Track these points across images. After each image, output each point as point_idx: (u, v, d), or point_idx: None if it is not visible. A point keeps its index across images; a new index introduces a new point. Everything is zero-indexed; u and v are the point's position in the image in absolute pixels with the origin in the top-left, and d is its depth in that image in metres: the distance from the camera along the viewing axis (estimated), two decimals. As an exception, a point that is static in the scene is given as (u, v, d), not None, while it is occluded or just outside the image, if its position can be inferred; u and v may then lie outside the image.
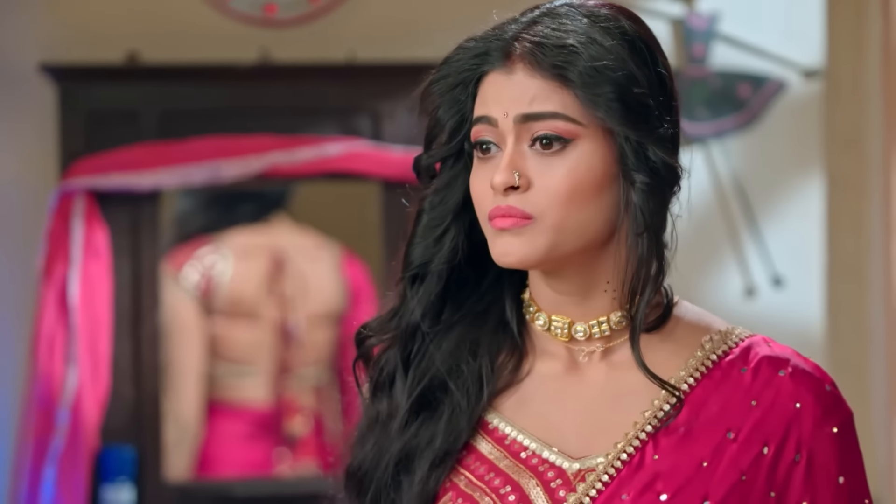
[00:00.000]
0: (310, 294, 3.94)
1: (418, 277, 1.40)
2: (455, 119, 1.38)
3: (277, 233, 3.98)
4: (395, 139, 3.70)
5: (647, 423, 1.36)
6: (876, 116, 3.59)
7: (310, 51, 3.77)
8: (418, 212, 1.41)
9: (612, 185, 1.35)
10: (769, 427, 1.35)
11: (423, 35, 3.77)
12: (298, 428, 3.89)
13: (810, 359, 1.39)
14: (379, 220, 3.75)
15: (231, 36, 3.77)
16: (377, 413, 1.41)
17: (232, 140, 3.67)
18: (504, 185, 1.33)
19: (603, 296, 1.38)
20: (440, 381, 1.39)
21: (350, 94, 3.72)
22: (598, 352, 1.39)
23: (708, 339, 1.39)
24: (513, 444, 1.38)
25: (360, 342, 1.42)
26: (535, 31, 1.35)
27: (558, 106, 1.34)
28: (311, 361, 3.95)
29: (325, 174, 3.69)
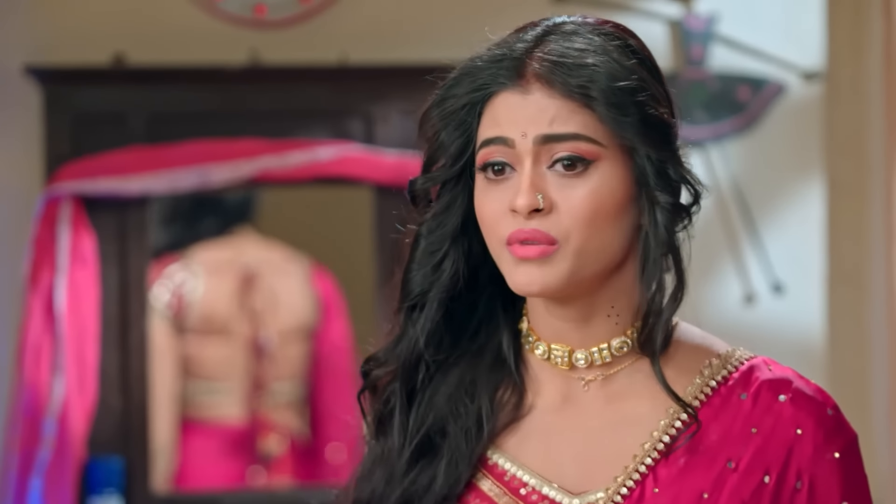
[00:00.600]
0: (280, 308, 3.94)
1: (417, 306, 1.39)
2: (460, 141, 1.37)
3: (245, 247, 3.97)
4: (388, 143, 3.70)
5: (647, 456, 1.36)
6: (877, 119, 3.57)
7: (300, 52, 3.76)
8: (415, 237, 1.40)
9: (630, 207, 1.35)
10: (770, 455, 1.34)
11: (416, 36, 3.76)
12: (273, 446, 3.88)
13: (811, 380, 1.39)
14: (371, 226, 3.75)
15: (220, 37, 3.76)
16: (380, 449, 1.40)
17: (221, 144, 3.66)
18: (529, 207, 1.32)
19: (606, 321, 1.37)
20: (440, 427, 1.39)
21: (342, 97, 3.72)
22: (597, 380, 1.38)
23: (707, 364, 1.38)
24: (512, 480, 1.38)
25: (366, 374, 1.41)
26: (549, 50, 1.34)
27: (580, 127, 1.33)
28: (285, 376, 3.94)
29: (316, 179, 3.70)
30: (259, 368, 3.91)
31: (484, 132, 1.36)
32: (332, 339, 4.00)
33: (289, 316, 3.94)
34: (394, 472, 1.38)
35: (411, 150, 3.70)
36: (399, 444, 1.39)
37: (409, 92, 3.75)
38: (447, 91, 1.38)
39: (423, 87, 4.43)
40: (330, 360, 3.99)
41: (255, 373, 3.91)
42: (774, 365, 1.39)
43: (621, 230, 1.34)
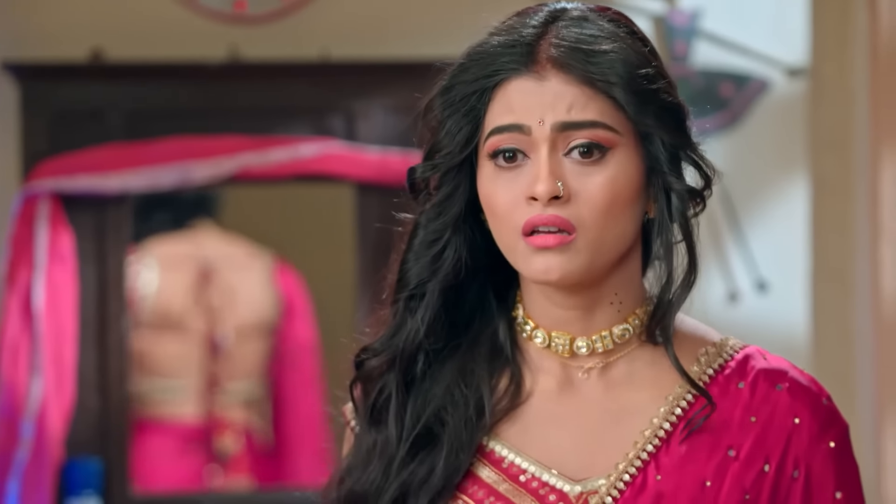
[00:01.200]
0: (238, 304, 3.92)
1: (417, 296, 1.38)
2: (468, 128, 1.36)
3: (204, 241, 3.95)
4: (370, 139, 3.70)
5: (648, 443, 1.36)
6: (862, 116, 3.58)
7: (281, 48, 3.75)
8: (413, 227, 1.40)
9: (642, 195, 1.36)
10: (769, 443, 1.36)
11: (398, 32, 3.76)
12: (229, 445, 3.86)
13: (805, 371, 1.41)
14: (353, 223, 3.74)
15: (200, 33, 3.74)
16: (375, 440, 1.40)
17: (202, 141, 3.66)
18: (550, 194, 1.32)
19: (608, 308, 1.38)
20: (438, 416, 1.39)
21: (323, 93, 3.71)
22: (597, 368, 1.39)
23: (704, 352, 1.40)
24: (511, 466, 1.38)
25: (359, 364, 1.41)
26: (563, 35, 1.35)
27: (598, 114, 1.34)
28: (242, 375, 3.92)
29: (298, 176, 3.69)
30: (215, 366, 3.88)
31: (496, 119, 1.35)
32: (296, 337, 3.98)
33: (247, 312, 3.92)
34: (391, 462, 1.38)
35: (393, 146, 3.69)
36: (396, 434, 1.38)
37: (391, 88, 3.74)
38: (454, 78, 1.36)
39: (406, 83, 4.44)
40: (293, 358, 3.97)
41: (211, 370, 3.88)
42: (768, 354, 1.40)
43: (634, 218, 1.36)
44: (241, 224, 4.02)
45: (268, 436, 3.94)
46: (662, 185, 1.36)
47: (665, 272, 1.37)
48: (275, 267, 3.97)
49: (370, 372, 1.40)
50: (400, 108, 3.69)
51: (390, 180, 3.64)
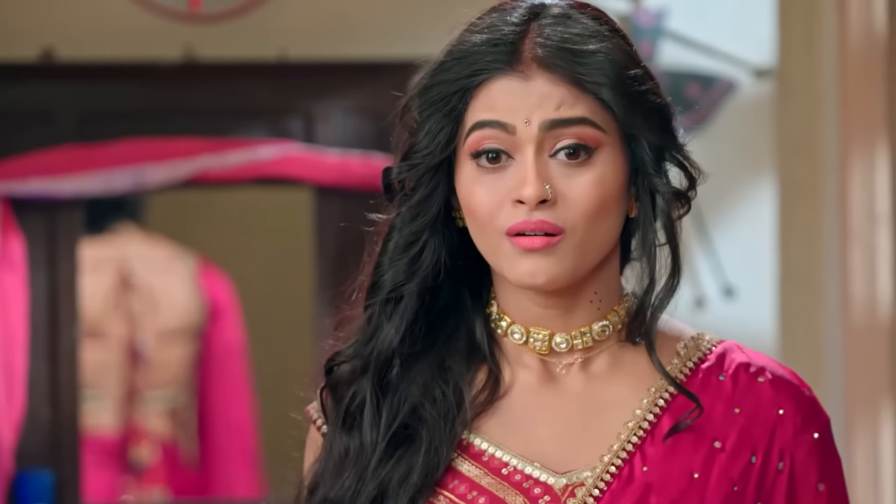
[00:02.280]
0: (160, 309, 3.86)
1: (392, 300, 1.39)
2: (449, 128, 1.36)
3: (124, 244, 3.89)
4: (330, 142, 3.68)
5: (633, 434, 1.37)
6: (830, 118, 3.56)
7: (238, 48, 3.72)
8: (388, 229, 1.40)
9: (625, 195, 1.36)
10: (755, 435, 1.37)
11: (358, 31, 3.74)
12: (144, 455, 3.80)
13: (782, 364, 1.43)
14: (312, 228, 3.73)
15: (154, 32, 3.71)
16: (349, 445, 1.39)
17: (157, 143, 3.63)
18: (538, 197, 1.33)
19: (588, 306, 1.39)
20: (415, 414, 1.39)
21: (281, 94, 3.69)
22: (576, 363, 1.40)
23: (682, 345, 1.41)
24: (491, 460, 1.38)
25: (330, 370, 1.41)
26: (547, 34, 1.35)
27: (585, 112, 1.34)
28: (164, 382, 3.87)
29: (256, 179, 3.68)
30: (134, 373, 3.83)
31: (477, 116, 1.35)
32: (223, 341, 3.93)
33: (170, 317, 3.87)
34: (367, 466, 1.38)
35: (354, 149, 3.66)
36: (372, 438, 1.38)
37: (351, 89, 3.73)
38: (434, 77, 1.36)
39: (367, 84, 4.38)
40: (220, 364, 3.92)
41: (131, 378, 3.83)
42: (746, 349, 1.41)
43: (619, 219, 1.36)
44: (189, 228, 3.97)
45: (192, 445, 3.88)
46: (647, 187, 1.36)
47: (647, 275, 1.37)
48: (199, 269, 3.91)
49: (342, 377, 1.40)
50: (360, 109, 3.68)
51: (350, 184, 3.62)
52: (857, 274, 3.44)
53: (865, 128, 3.42)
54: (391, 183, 1.39)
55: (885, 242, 3.42)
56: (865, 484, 3.42)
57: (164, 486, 3.82)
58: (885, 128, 3.42)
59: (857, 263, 3.44)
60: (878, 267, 3.44)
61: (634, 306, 1.39)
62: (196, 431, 3.90)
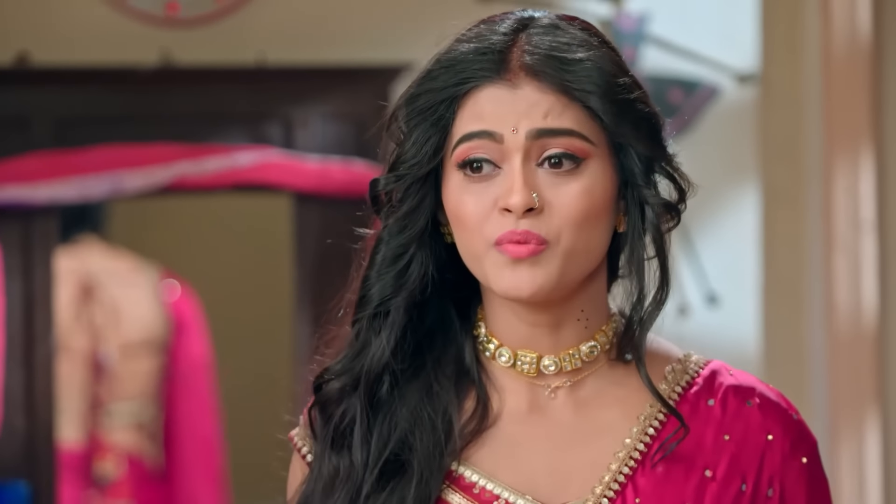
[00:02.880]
0: (123, 321, 3.84)
1: (381, 314, 1.38)
2: (436, 138, 1.36)
3: (86, 256, 3.87)
4: (309, 148, 3.68)
5: (624, 465, 1.37)
6: (815, 124, 3.56)
7: (216, 52, 3.72)
8: (376, 241, 1.39)
9: (613, 208, 1.36)
10: (745, 461, 1.37)
11: (338, 36, 3.74)
12: (109, 469, 3.77)
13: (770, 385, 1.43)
14: (291, 236, 3.72)
15: (130, 36, 3.70)
16: (338, 465, 1.38)
17: (134, 149, 3.62)
18: (525, 206, 1.32)
19: (575, 325, 1.38)
20: (405, 443, 1.38)
21: (260, 100, 3.69)
22: (564, 387, 1.39)
23: (670, 369, 1.40)
24: (483, 492, 1.37)
25: (318, 387, 1.40)
26: (536, 42, 1.35)
27: (573, 122, 1.34)
28: (128, 395, 3.84)
29: (234, 186, 3.67)
30: (97, 386, 3.80)
31: (465, 126, 1.35)
32: (189, 355, 3.90)
33: (133, 329, 3.84)
34: (359, 490, 1.37)
35: (333, 155, 3.65)
36: (363, 460, 1.37)
37: (330, 95, 3.72)
38: (421, 86, 1.36)
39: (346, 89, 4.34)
40: (186, 377, 3.89)
41: (94, 391, 3.79)
42: (732, 369, 1.41)
43: (606, 232, 1.35)
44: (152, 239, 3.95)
45: (158, 459, 3.85)
46: (636, 199, 1.36)
47: (636, 289, 1.37)
48: (163, 282, 3.88)
49: (331, 394, 1.39)
50: (340, 115, 3.67)
51: (330, 191, 3.61)
52: (842, 282, 3.43)
53: (849, 133, 3.42)
54: (378, 195, 1.39)
55: (869, 250, 3.42)
56: (851, 493, 3.41)
57: (130, 500, 3.79)
58: (870, 134, 3.41)
59: (842, 271, 3.44)
60: (863, 275, 3.44)
61: (622, 325, 1.38)
62: (162, 445, 3.87)
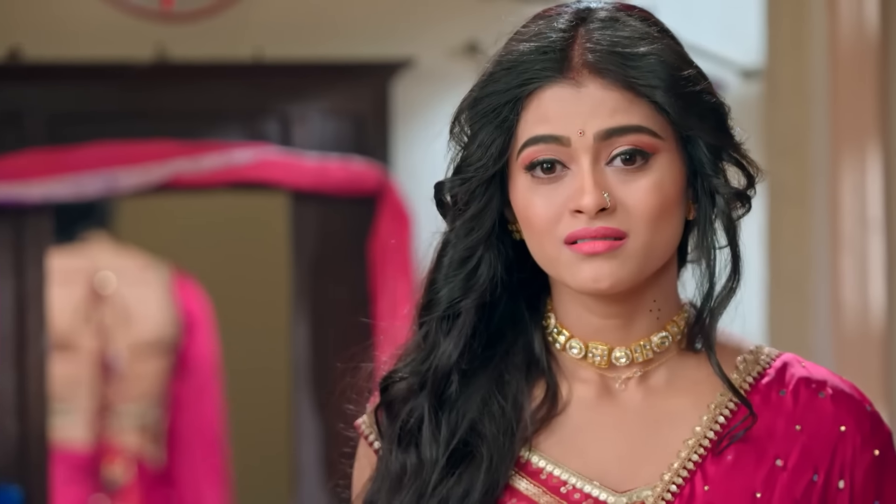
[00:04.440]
0: (132, 321, 3.83)
1: (449, 316, 1.41)
2: (501, 139, 1.38)
3: (96, 254, 3.86)
4: (307, 145, 3.68)
5: (693, 452, 1.39)
6: (820, 120, 3.55)
7: (212, 48, 3.71)
8: (442, 245, 1.42)
9: (683, 198, 1.38)
10: (817, 453, 1.39)
11: (337, 30, 3.74)
12: (118, 474, 3.77)
13: (843, 377, 1.44)
14: (288, 234, 3.71)
15: (125, 31, 3.69)
16: (405, 463, 1.41)
17: (129, 146, 3.61)
18: (597, 207, 1.34)
19: (648, 316, 1.40)
20: (474, 430, 1.40)
21: (257, 96, 3.68)
22: (635, 377, 1.41)
23: (742, 360, 1.42)
24: (550, 478, 1.39)
25: (385, 388, 1.43)
26: (597, 38, 1.36)
27: (641, 118, 1.35)
28: (136, 397, 3.84)
29: (230, 184, 3.67)
30: (106, 387, 3.79)
31: (531, 129, 1.37)
32: (197, 356, 3.89)
33: (143, 330, 3.83)
34: (427, 484, 1.39)
35: (332, 152, 3.64)
36: (432, 456, 1.40)
37: (328, 90, 3.73)
38: (483, 89, 1.38)
39: (345, 84, 4.32)
40: (194, 378, 3.88)
41: (102, 392, 3.79)
42: (805, 362, 1.43)
43: (679, 222, 1.37)
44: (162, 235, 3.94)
45: (161, 460, 3.84)
46: (706, 188, 1.38)
47: (707, 277, 1.39)
48: (173, 280, 3.87)
49: (398, 394, 1.42)
50: (338, 111, 3.67)
51: (328, 188, 3.60)
52: (848, 281, 3.43)
53: (856, 130, 3.41)
54: (443, 198, 1.41)
55: (876, 248, 3.41)
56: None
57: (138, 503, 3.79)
58: (877, 130, 3.40)
59: (848, 270, 3.43)
60: (870, 274, 3.43)
61: (693, 315, 1.41)
62: (165, 446, 3.87)
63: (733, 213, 1.38)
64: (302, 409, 3.68)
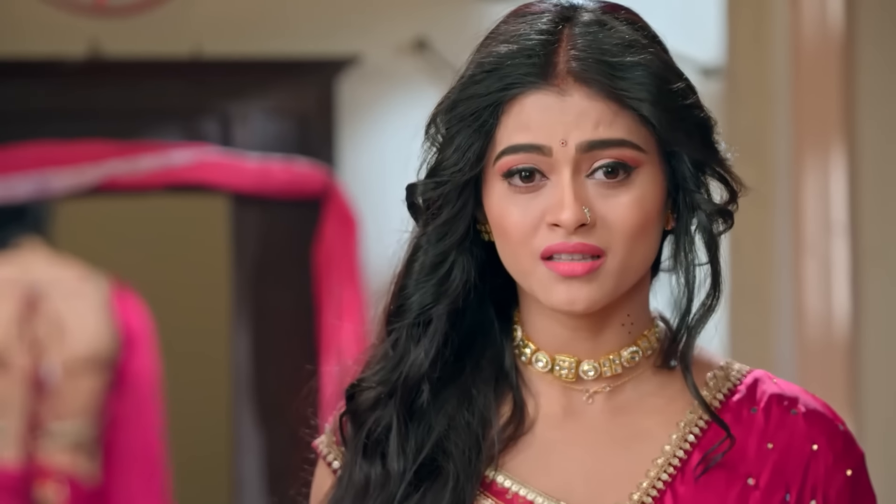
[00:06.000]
0: (67, 335, 3.77)
1: (420, 323, 1.40)
2: (479, 144, 1.36)
3: (30, 263, 3.77)
4: (248, 145, 3.71)
5: (663, 471, 1.38)
6: (783, 120, 3.54)
7: (149, 44, 3.70)
8: (413, 249, 1.41)
9: (663, 212, 1.38)
10: (789, 471, 1.39)
11: (279, 26, 3.73)
12: (51, 494, 3.70)
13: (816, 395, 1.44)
14: (229, 239, 3.71)
15: (56, 26, 3.67)
16: (370, 474, 1.40)
17: (62, 146, 3.60)
18: (577, 223, 1.33)
19: (619, 330, 1.39)
20: (440, 446, 1.41)
21: (196, 94, 3.68)
22: (603, 392, 1.40)
23: (712, 375, 1.42)
24: (515, 498, 1.39)
25: (352, 396, 1.42)
26: (582, 46, 1.34)
27: (625, 132, 1.34)
28: (70, 414, 3.76)
29: (168, 186, 3.70)
30: (39, 405, 3.72)
31: (511, 136, 1.35)
32: (136, 371, 3.83)
33: (78, 344, 3.77)
34: (392, 498, 1.39)
35: (274, 153, 3.62)
36: (399, 468, 1.40)
37: (271, 89, 3.75)
38: (463, 91, 1.37)
39: (288, 83, 4.26)
40: (133, 395, 3.82)
41: (35, 410, 3.72)
42: (777, 379, 1.43)
43: (657, 238, 1.37)
44: (101, 242, 3.89)
45: (96, 479, 3.78)
46: (688, 203, 1.38)
47: (686, 295, 1.39)
48: (112, 293, 3.80)
49: (365, 403, 1.41)
50: (281, 110, 3.68)
51: (271, 191, 3.59)
52: (812, 287, 3.42)
53: (820, 130, 3.40)
54: (415, 201, 1.40)
55: (841, 253, 3.40)
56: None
57: (72, 528, 3.73)
58: (841, 130, 3.39)
59: (812, 276, 3.42)
60: (834, 280, 3.42)
61: (665, 331, 1.41)
62: (100, 464, 3.81)
63: (714, 228, 1.38)
64: (243, 420, 3.66)
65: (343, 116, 3.70)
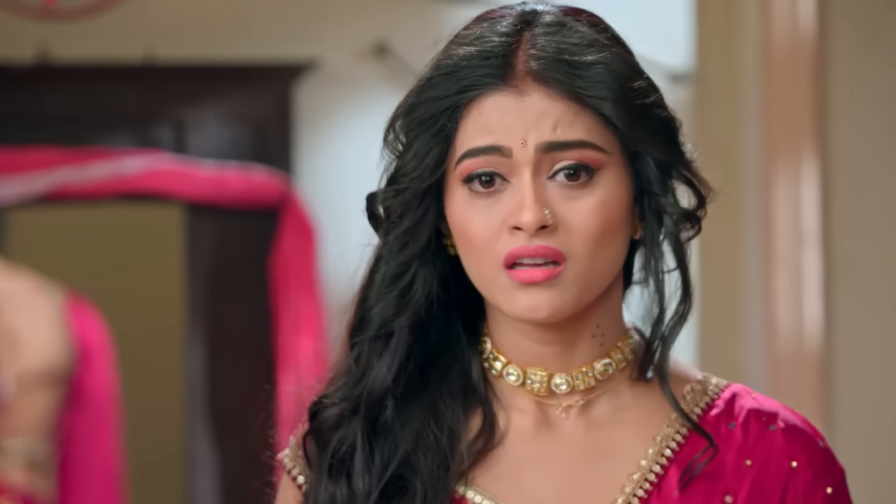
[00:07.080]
0: (21, 349, 3.73)
1: (382, 336, 1.40)
2: (438, 149, 1.36)
3: None
4: (203, 153, 3.74)
5: (639, 487, 1.38)
6: (753, 127, 3.54)
7: (99, 47, 3.69)
8: (374, 260, 1.41)
9: (629, 217, 1.37)
10: (767, 488, 1.39)
11: (235, 30, 3.71)
12: None
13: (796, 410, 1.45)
14: (183, 249, 3.71)
15: (3, 29, 3.66)
16: (335, 494, 1.40)
17: (9, 154, 3.59)
18: (537, 224, 1.33)
19: (590, 342, 1.39)
20: (408, 462, 1.40)
21: (148, 100, 3.67)
22: (576, 406, 1.40)
23: (689, 389, 1.42)
24: None
25: (315, 414, 1.42)
26: (542, 45, 1.35)
27: (585, 132, 1.34)
28: (24, 431, 3.74)
29: (120, 195, 3.69)
30: None
31: (471, 139, 1.36)
32: (93, 387, 3.81)
33: (32, 359, 3.75)
34: None
35: (230, 160, 3.61)
36: (364, 488, 1.39)
37: (226, 94, 3.75)
38: (420, 94, 1.37)
39: (244, 88, 4.23)
40: (89, 410, 3.80)
41: None
42: (756, 393, 1.43)
43: (623, 243, 1.37)
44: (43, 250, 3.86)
45: (52, 497, 3.76)
46: (654, 207, 1.38)
47: (657, 304, 1.39)
48: (67, 305, 3.78)
49: (328, 421, 1.41)
50: (237, 116, 3.67)
51: (226, 199, 3.58)
52: (783, 298, 3.42)
53: (791, 138, 3.41)
54: (376, 210, 1.40)
55: (812, 264, 3.40)
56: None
57: (25, 549, 3.71)
58: (813, 138, 3.40)
59: (783, 286, 3.42)
60: (806, 291, 3.43)
61: (639, 340, 1.41)
62: (55, 482, 3.79)
63: (682, 234, 1.38)
64: (197, 436, 3.64)
65: (301, 123, 3.69)
